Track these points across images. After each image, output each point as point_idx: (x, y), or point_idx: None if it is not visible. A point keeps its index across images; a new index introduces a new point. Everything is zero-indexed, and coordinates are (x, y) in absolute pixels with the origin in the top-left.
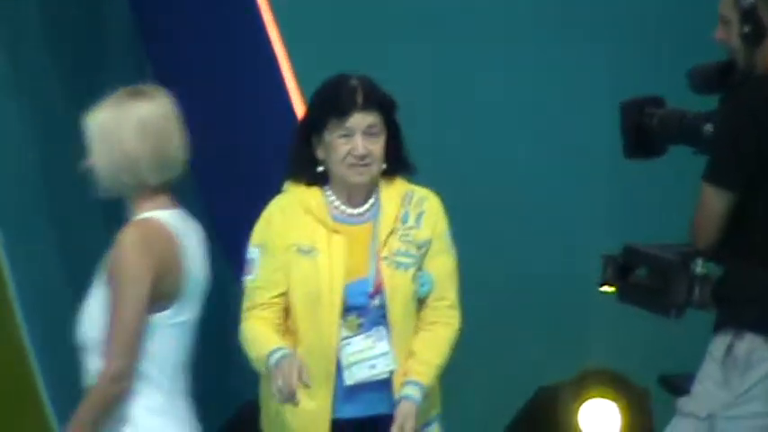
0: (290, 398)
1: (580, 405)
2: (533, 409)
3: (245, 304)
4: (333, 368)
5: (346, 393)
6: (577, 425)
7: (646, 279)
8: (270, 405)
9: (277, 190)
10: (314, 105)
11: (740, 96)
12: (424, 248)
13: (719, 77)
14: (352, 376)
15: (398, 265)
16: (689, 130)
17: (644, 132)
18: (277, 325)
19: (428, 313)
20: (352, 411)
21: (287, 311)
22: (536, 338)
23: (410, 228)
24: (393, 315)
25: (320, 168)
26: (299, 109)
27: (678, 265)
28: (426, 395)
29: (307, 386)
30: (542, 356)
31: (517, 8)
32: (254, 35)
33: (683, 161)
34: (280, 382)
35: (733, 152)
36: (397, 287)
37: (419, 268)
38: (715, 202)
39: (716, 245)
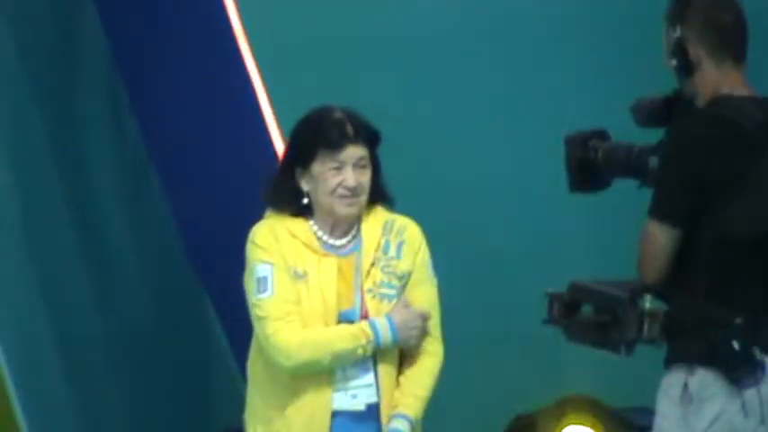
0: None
1: None
2: None
3: (271, 315)
4: (329, 394)
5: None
6: None
7: (593, 316)
8: (255, 429)
9: (255, 218)
10: (301, 138)
11: (680, 130)
12: (404, 279)
13: (665, 110)
14: (333, 403)
15: (383, 296)
16: (635, 164)
17: (588, 166)
18: None
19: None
20: None
21: None
22: (514, 365)
23: (391, 258)
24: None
25: (305, 200)
26: (277, 138)
27: (627, 302)
28: (414, 428)
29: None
30: (520, 384)
31: (491, 27)
32: (232, 64)
33: None
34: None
35: (675, 188)
36: None
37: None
38: (660, 238)
39: (663, 280)
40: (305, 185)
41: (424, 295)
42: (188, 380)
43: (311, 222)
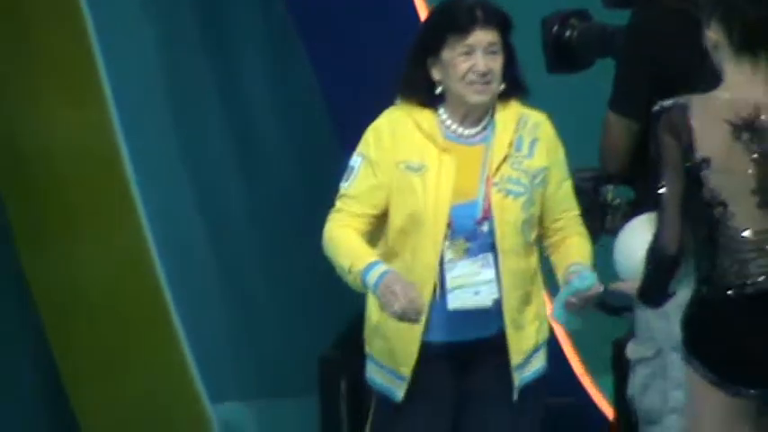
0: (417, 316)
1: None
2: None
3: (336, 204)
4: (431, 290)
5: (443, 317)
6: None
7: None
8: (371, 317)
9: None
10: (431, 24)
11: (635, 22)
12: (537, 178)
13: None
14: (455, 300)
15: (509, 192)
16: (609, 43)
17: (564, 46)
18: (365, 239)
19: (560, 227)
20: (446, 335)
21: (384, 234)
22: None
23: (523, 156)
24: (501, 243)
25: (437, 90)
26: (421, 7)
27: (589, 192)
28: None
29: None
30: None
31: None
32: None
33: None
34: (401, 303)
35: (631, 80)
36: (507, 214)
37: (530, 199)
38: (618, 129)
39: (626, 169)
40: (436, 74)
41: (569, 191)
42: (319, 264)
43: (441, 111)
